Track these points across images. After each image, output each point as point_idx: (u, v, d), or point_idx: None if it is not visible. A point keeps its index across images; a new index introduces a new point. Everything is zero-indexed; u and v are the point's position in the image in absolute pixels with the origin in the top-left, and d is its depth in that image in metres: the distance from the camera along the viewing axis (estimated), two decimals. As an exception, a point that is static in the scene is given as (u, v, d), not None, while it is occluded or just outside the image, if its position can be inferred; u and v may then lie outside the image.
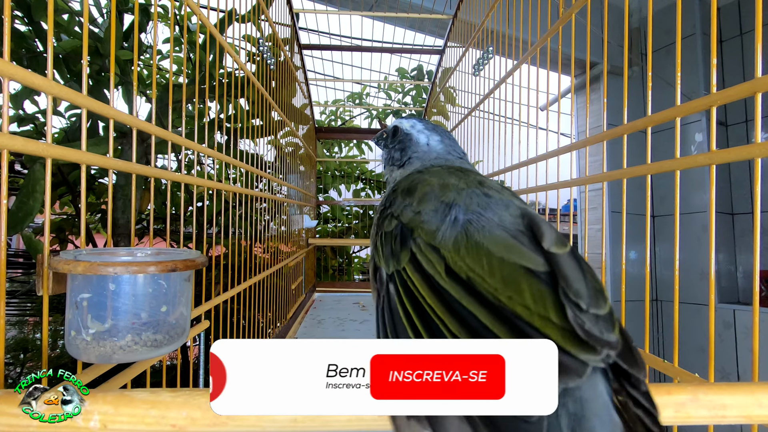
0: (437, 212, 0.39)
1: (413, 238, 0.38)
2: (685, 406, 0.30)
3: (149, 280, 0.43)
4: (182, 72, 2.12)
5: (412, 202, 0.42)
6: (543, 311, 0.29)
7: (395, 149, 0.60)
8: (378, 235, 0.43)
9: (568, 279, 0.30)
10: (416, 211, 0.40)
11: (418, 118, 0.62)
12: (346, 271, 3.24)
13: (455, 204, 0.39)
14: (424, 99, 3.30)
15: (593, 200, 2.66)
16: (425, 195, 0.42)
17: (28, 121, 1.85)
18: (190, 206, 2.10)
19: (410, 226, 0.39)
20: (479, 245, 0.34)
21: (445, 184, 0.43)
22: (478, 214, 0.38)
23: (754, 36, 0.47)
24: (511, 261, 0.32)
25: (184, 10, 1.95)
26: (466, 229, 0.36)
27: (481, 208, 0.38)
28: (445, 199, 0.40)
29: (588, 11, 0.72)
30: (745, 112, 2.58)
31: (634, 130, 0.62)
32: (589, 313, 0.29)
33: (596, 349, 0.27)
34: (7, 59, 0.39)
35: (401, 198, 0.44)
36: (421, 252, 0.36)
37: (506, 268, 0.32)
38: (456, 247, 0.35)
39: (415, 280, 0.34)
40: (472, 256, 0.33)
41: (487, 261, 0.33)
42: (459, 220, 0.37)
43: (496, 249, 0.34)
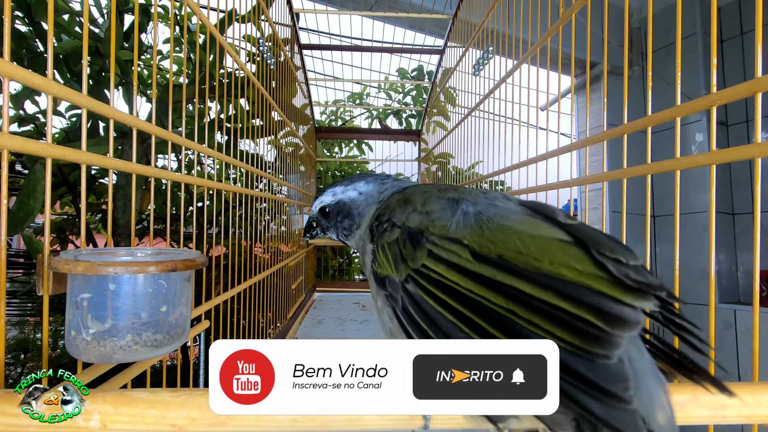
0: (445, 209, 0.40)
1: (425, 237, 0.38)
2: (685, 406, 0.30)
3: (149, 280, 0.43)
4: (182, 72, 2.12)
5: (415, 207, 0.42)
6: (591, 269, 0.30)
7: (340, 221, 0.57)
8: (378, 249, 0.43)
9: (598, 240, 0.32)
10: (423, 212, 0.41)
11: (330, 186, 0.59)
12: (346, 271, 3.24)
13: (461, 199, 0.40)
14: (424, 99, 3.30)
15: (593, 200, 2.65)
16: (427, 199, 0.42)
17: (28, 121, 1.85)
18: (191, 206, 2.10)
19: (418, 228, 0.39)
20: (503, 227, 0.35)
21: (441, 189, 0.44)
22: (486, 205, 0.39)
23: (754, 36, 0.47)
24: (541, 234, 0.34)
25: (184, 10, 1.96)
26: (481, 218, 0.37)
27: (487, 200, 0.40)
28: (449, 197, 0.41)
29: (588, 11, 0.72)
30: (746, 112, 2.58)
31: (634, 130, 0.62)
32: (630, 265, 0.31)
33: (648, 294, 0.29)
34: (7, 59, 0.39)
35: (400, 209, 0.44)
36: (438, 246, 0.36)
37: (538, 241, 0.33)
38: (477, 233, 0.36)
39: (440, 271, 0.35)
40: (499, 238, 0.34)
41: (518, 238, 0.34)
42: (470, 212, 0.38)
43: (521, 227, 0.35)
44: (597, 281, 0.29)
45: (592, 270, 0.30)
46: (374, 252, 0.44)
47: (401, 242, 0.40)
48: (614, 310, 0.27)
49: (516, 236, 0.34)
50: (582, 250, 0.32)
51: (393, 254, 0.40)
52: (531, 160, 0.97)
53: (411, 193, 0.46)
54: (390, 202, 0.49)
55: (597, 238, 0.32)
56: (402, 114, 3.54)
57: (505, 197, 0.41)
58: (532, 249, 0.32)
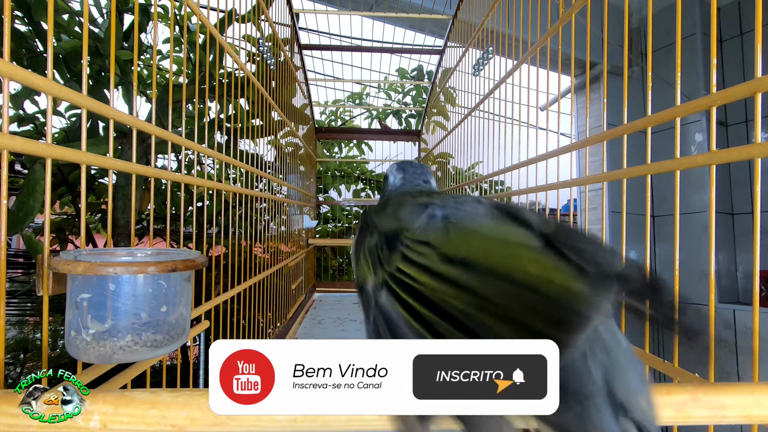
0: (414, 213, 0.41)
1: (400, 240, 0.39)
2: (685, 406, 0.30)
3: (149, 280, 0.43)
4: (182, 72, 2.12)
5: (389, 214, 0.44)
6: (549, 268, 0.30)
7: None
8: (360, 253, 0.44)
9: (560, 234, 0.33)
10: (396, 218, 0.42)
11: (403, 161, 0.68)
12: (346, 271, 3.24)
13: (430, 204, 0.41)
14: (424, 99, 3.30)
15: (593, 200, 2.66)
16: (399, 204, 0.44)
17: (28, 121, 1.85)
18: (190, 206, 2.10)
19: (393, 231, 0.40)
20: (467, 230, 0.36)
21: (415, 194, 0.47)
22: (454, 209, 0.39)
23: (754, 36, 0.47)
24: (502, 237, 0.34)
25: (184, 10, 1.95)
26: (448, 221, 0.38)
27: (457, 203, 0.40)
28: (419, 202, 0.42)
29: (588, 11, 0.72)
30: (745, 112, 2.58)
31: (634, 130, 0.62)
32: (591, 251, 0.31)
33: (609, 281, 0.28)
34: (7, 59, 0.39)
35: (376, 217, 0.46)
36: (410, 249, 0.37)
37: (498, 243, 0.33)
38: (444, 235, 0.36)
39: (411, 273, 0.35)
40: (462, 240, 0.35)
41: (480, 240, 0.34)
42: (437, 215, 0.39)
43: (485, 230, 0.35)
44: (553, 278, 0.29)
45: (551, 267, 0.30)
46: (356, 257, 0.45)
47: (380, 246, 0.41)
48: (561, 313, 0.27)
49: (479, 239, 0.34)
50: (546, 251, 0.32)
51: (372, 259, 0.41)
52: (531, 160, 0.97)
53: (387, 201, 0.48)
54: (370, 210, 0.51)
55: (569, 237, 0.33)
56: (402, 114, 3.54)
57: (475, 200, 0.41)
58: (493, 250, 0.32)
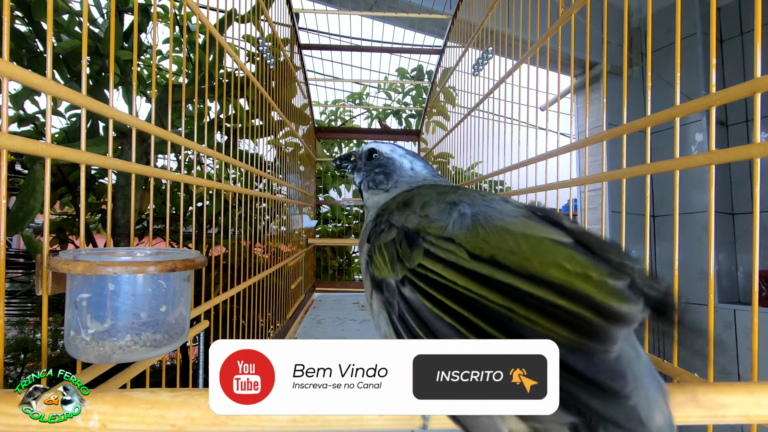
0: (443, 212, 0.40)
1: (422, 237, 0.38)
2: (684, 406, 0.30)
3: (149, 280, 0.43)
4: (182, 72, 2.11)
5: (414, 210, 0.43)
6: (581, 270, 0.30)
7: (377, 173, 0.58)
8: (374, 250, 0.43)
9: (602, 244, 0.32)
10: (422, 215, 0.41)
11: (393, 143, 0.62)
12: (346, 271, 3.24)
13: (460, 202, 0.40)
14: (423, 99, 3.30)
15: (593, 200, 2.65)
16: (426, 202, 0.43)
17: (28, 121, 1.85)
18: (190, 206, 2.09)
19: (416, 229, 0.40)
20: (497, 228, 0.35)
21: (442, 192, 0.44)
22: (483, 207, 0.39)
23: (754, 36, 0.47)
24: (534, 235, 0.33)
25: (184, 10, 1.95)
26: (477, 219, 0.37)
27: (486, 202, 0.40)
28: (447, 200, 0.41)
29: (588, 11, 0.72)
30: (745, 112, 2.58)
31: (634, 130, 0.62)
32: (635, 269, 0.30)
33: (634, 302, 0.28)
34: (7, 59, 0.39)
35: (399, 211, 0.44)
36: (435, 245, 0.36)
37: (530, 240, 0.33)
38: (473, 233, 0.36)
39: (437, 270, 0.34)
40: (493, 238, 0.34)
41: (510, 238, 0.34)
42: (467, 213, 0.38)
43: (515, 228, 0.35)
44: (584, 281, 0.29)
45: (582, 270, 0.30)
46: (370, 253, 0.44)
47: (398, 242, 0.40)
48: (607, 306, 0.27)
49: (509, 237, 0.34)
50: (577, 251, 0.32)
51: (390, 254, 0.40)
52: (531, 160, 0.97)
53: (411, 196, 0.46)
54: (390, 204, 0.49)
55: (601, 242, 0.33)
56: (402, 114, 3.54)
57: (503, 200, 0.41)
58: (523, 248, 0.32)
